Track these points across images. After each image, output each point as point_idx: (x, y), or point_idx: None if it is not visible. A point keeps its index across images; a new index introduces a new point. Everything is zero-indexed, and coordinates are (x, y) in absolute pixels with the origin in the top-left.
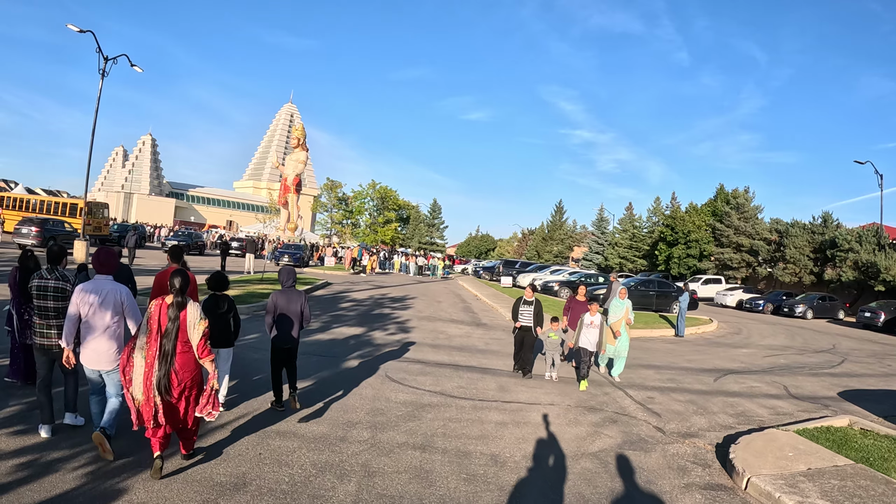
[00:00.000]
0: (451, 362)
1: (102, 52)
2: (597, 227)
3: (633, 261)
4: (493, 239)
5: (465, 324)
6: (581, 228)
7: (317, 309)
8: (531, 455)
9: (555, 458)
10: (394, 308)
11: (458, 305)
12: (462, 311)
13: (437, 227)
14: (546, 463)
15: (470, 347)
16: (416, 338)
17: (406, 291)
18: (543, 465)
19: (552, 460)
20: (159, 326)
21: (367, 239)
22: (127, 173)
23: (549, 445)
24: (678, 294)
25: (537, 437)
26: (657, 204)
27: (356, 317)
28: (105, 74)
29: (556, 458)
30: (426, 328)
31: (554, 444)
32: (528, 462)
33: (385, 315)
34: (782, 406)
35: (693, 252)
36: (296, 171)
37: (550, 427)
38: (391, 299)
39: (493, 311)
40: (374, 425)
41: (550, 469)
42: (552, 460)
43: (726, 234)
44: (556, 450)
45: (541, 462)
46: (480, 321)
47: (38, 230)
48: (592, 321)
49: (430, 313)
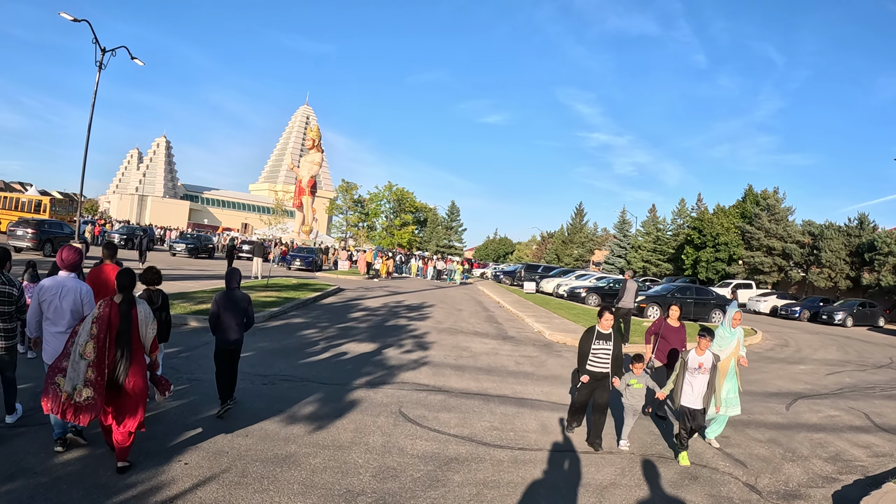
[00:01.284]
0: (479, 391)
1: (99, 44)
2: (619, 229)
3: (657, 264)
4: (512, 242)
5: (490, 337)
6: (602, 231)
7: (324, 320)
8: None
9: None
10: (410, 318)
11: (481, 314)
12: (485, 322)
13: (456, 230)
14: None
15: (499, 369)
16: (436, 356)
17: (424, 298)
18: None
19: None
20: (109, 325)
21: (384, 242)
22: (141, 175)
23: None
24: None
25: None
26: (682, 206)
27: (368, 329)
28: (102, 67)
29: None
30: (447, 343)
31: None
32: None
33: (400, 327)
34: (876, 443)
35: (722, 255)
36: (310, 172)
37: (616, 490)
38: (407, 307)
39: (520, 322)
40: (383, 498)
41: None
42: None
43: (756, 237)
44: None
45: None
46: (507, 334)
47: (35, 232)
48: (702, 363)
49: (450, 324)
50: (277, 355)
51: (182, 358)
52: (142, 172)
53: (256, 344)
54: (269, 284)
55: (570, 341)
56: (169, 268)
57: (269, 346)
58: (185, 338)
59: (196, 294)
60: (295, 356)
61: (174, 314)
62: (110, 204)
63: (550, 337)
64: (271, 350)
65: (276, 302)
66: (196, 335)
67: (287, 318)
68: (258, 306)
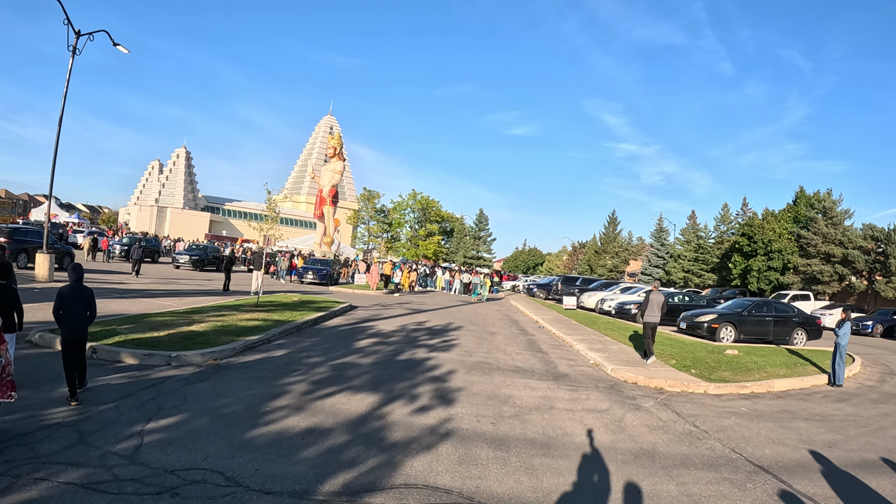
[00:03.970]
0: (541, 501)
1: (73, 26)
2: (655, 238)
3: (699, 275)
4: (542, 253)
5: (537, 376)
6: (637, 240)
7: (316, 353)
8: None
9: None
10: (431, 347)
11: (520, 340)
12: (526, 350)
13: (484, 240)
14: None
15: (562, 442)
16: (465, 417)
17: (449, 318)
18: None
19: None
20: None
21: (408, 253)
22: (161, 187)
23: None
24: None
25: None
26: (725, 212)
27: (371, 368)
28: (77, 52)
29: None
30: (480, 391)
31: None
32: None
33: (417, 363)
34: None
35: (775, 264)
36: (332, 181)
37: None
38: (428, 331)
39: (568, 349)
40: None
41: None
42: None
43: (813, 243)
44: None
45: None
46: (557, 369)
47: (7, 241)
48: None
49: (482, 356)
50: (217, 422)
51: None
52: (161, 184)
53: (195, 398)
54: (262, 303)
55: (641, 380)
56: (159, 281)
57: (213, 404)
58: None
59: (155, 318)
60: (242, 425)
61: (113, 342)
62: (130, 216)
63: (614, 373)
64: (213, 410)
65: (259, 327)
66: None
67: (267, 351)
68: (231, 333)
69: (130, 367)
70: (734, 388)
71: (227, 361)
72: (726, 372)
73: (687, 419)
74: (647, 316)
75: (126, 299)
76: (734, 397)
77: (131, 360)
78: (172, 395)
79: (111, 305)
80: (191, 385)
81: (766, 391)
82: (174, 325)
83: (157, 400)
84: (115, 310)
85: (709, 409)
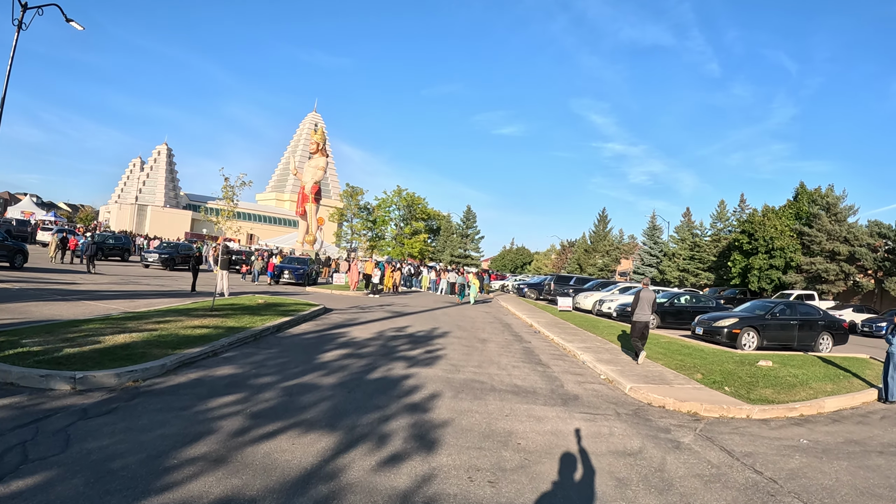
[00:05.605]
0: None
1: None
2: (648, 236)
3: (696, 274)
4: (530, 252)
5: (540, 399)
6: (629, 239)
7: (269, 370)
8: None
9: None
10: (411, 360)
11: (515, 349)
12: (524, 362)
13: (472, 238)
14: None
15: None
16: (452, 473)
17: (434, 322)
18: None
19: None
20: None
21: (393, 252)
22: (141, 185)
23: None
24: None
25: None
26: (721, 209)
27: (333, 391)
28: (23, 27)
29: None
30: (472, 425)
31: None
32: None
33: (392, 383)
34: None
35: (777, 262)
36: (314, 178)
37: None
38: (410, 339)
39: (573, 360)
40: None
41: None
42: None
43: (817, 241)
44: None
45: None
46: (564, 388)
47: None
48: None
49: (472, 371)
50: (93, 487)
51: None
52: (142, 181)
53: (81, 442)
54: (219, 307)
55: (670, 403)
56: (117, 281)
57: (101, 453)
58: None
59: (82, 325)
60: (127, 492)
61: (4, 357)
62: (110, 214)
63: (634, 393)
64: (95, 465)
65: (206, 337)
66: None
67: (208, 368)
68: (168, 344)
69: (20, 390)
70: (781, 411)
71: (151, 383)
72: (766, 389)
73: (743, 461)
74: (637, 315)
75: (66, 302)
76: (784, 423)
77: (23, 383)
78: (52, 437)
79: (42, 309)
80: (85, 421)
81: (816, 412)
82: (100, 333)
83: (27, 446)
84: (45, 314)
85: (763, 444)
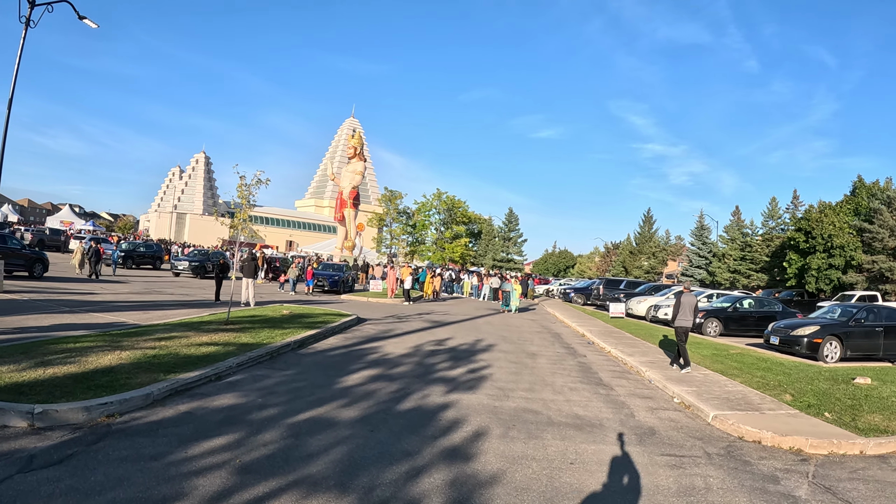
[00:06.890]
0: None
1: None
2: (696, 236)
3: (747, 275)
4: (573, 255)
5: (608, 435)
6: (675, 239)
7: (278, 400)
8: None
9: None
10: (451, 383)
11: (569, 364)
12: (582, 382)
13: (514, 241)
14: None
15: None
16: None
17: (477, 333)
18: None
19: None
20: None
21: (434, 257)
22: (180, 193)
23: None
24: None
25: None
26: (773, 206)
27: (354, 431)
28: (31, 25)
29: None
30: (528, 481)
31: None
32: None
33: (427, 416)
34: None
35: (836, 262)
36: (352, 182)
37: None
38: (450, 355)
39: (637, 378)
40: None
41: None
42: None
43: (879, 237)
44: None
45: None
46: (636, 418)
47: None
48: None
49: (522, 397)
50: None
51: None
52: (180, 190)
53: None
54: (235, 319)
55: (767, 437)
56: (140, 290)
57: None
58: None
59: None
60: None
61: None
62: (150, 222)
63: (720, 424)
64: None
65: (211, 356)
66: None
67: (206, 396)
68: (162, 367)
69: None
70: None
71: (129, 418)
72: (874, 415)
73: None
74: (679, 320)
75: (72, 314)
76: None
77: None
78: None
79: (40, 322)
80: (24, 475)
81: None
82: (86, 353)
83: None
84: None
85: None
